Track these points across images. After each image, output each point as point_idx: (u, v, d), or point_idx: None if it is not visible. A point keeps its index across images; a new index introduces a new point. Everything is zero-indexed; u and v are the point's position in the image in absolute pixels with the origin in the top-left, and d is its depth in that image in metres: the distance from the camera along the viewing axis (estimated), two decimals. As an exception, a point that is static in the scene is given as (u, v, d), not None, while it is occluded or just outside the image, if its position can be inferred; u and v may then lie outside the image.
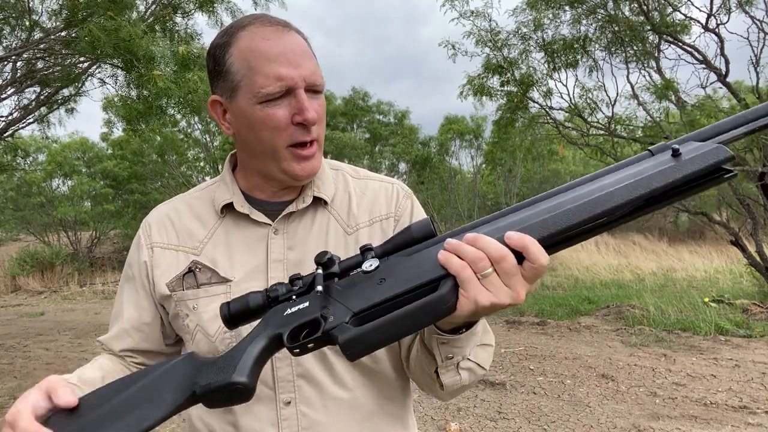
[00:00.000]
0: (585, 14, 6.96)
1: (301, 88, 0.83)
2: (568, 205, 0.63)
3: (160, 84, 4.50)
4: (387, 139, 16.10)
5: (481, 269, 0.62)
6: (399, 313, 0.63)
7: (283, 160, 0.87)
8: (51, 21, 5.70)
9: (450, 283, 0.64)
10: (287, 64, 0.82)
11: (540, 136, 9.17)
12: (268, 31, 0.84)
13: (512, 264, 0.62)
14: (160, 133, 12.36)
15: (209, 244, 0.94)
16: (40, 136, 8.72)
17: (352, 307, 0.67)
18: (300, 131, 0.85)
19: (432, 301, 0.63)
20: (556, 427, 3.69)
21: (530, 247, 0.62)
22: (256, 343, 0.69)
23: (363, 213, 0.97)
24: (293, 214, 0.94)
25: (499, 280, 0.63)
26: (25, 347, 6.67)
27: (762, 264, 6.73)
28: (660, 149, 0.67)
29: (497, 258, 0.62)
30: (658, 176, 0.62)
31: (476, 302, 0.63)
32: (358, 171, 1.05)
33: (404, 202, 1.01)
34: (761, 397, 4.01)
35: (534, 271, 0.63)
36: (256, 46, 0.83)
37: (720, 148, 0.62)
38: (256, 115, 0.85)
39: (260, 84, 0.82)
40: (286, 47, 0.83)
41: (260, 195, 0.96)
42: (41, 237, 15.63)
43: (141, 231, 1.00)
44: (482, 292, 0.63)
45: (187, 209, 0.99)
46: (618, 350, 5.52)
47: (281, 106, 0.84)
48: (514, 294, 0.63)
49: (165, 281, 0.93)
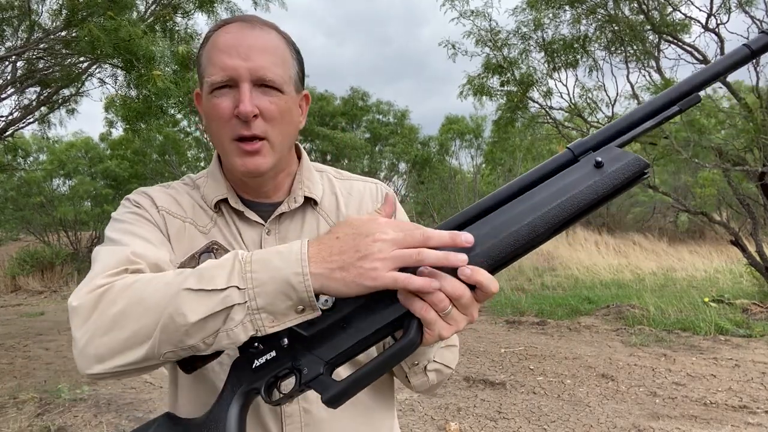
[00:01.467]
0: (585, 14, 6.96)
1: (245, 80, 0.82)
2: (511, 228, 0.67)
3: (159, 84, 4.50)
4: (387, 139, 16.11)
5: (442, 309, 0.66)
6: (375, 364, 0.66)
7: (229, 153, 0.86)
8: (51, 21, 5.71)
9: (415, 324, 0.66)
10: (235, 55, 0.82)
11: (540, 136, 9.17)
12: (235, 26, 0.85)
13: (469, 297, 0.66)
14: (161, 133, 12.37)
15: (215, 230, 0.91)
16: (40, 136, 8.73)
17: (323, 357, 0.69)
18: (240, 124, 0.83)
19: (403, 346, 0.66)
20: (556, 427, 3.69)
21: (483, 281, 0.65)
22: (234, 404, 0.70)
23: (351, 213, 0.98)
24: (284, 215, 0.94)
25: (459, 313, 0.67)
26: (25, 347, 6.67)
27: (762, 264, 6.73)
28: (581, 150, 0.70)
29: (456, 297, 0.66)
30: (589, 192, 0.67)
31: (440, 336, 0.67)
32: (341, 172, 1.05)
33: None
34: (761, 397, 4.01)
35: (484, 297, 0.67)
36: (217, 39, 0.85)
37: (638, 158, 0.67)
38: (207, 105, 0.86)
39: (209, 72, 0.84)
40: (241, 41, 0.83)
41: (244, 195, 0.94)
42: (41, 237, 15.62)
43: (139, 196, 0.91)
44: (445, 326, 0.67)
45: (184, 193, 0.95)
46: (618, 350, 5.52)
47: (226, 98, 0.83)
48: (470, 318, 0.69)
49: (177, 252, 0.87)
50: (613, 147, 0.69)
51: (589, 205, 0.67)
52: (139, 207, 0.89)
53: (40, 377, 5.21)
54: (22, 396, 4.56)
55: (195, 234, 0.90)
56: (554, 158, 0.72)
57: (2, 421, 4.06)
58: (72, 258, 14.02)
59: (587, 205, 0.67)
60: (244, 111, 0.81)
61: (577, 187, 0.67)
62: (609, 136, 0.71)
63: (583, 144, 0.71)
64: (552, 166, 0.71)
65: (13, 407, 4.35)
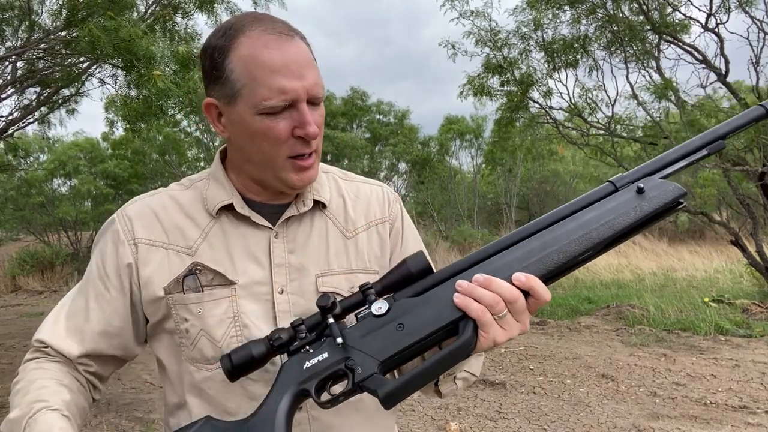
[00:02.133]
0: (585, 14, 6.96)
1: (303, 101, 0.81)
2: (562, 243, 0.73)
3: (160, 84, 4.49)
4: (387, 139, 16.10)
5: (498, 312, 0.70)
6: (432, 363, 0.69)
7: (281, 170, 0.86)
8: (51, 21, 5.70)
9: (471, 326, 0.70)
10: (290, 76, 0.80)
11: (540, 136, 9.17)
12: (271, 39, 0.81)
13: (523, 303, 0.71)
14: (161, 133, 12.37)
15: (204, 245, 0.89)
16: (41, 136, 8.74)
17: (377, 356, 0.70)
18: (300, 144, 0.84)
19: (459, 346, 0.70)
20: (556, 427, 3.69)
21: (536, 287, 0.71)
22: (283, 404, 0.70)
23: (359, 217, 0.97)
24: (292, 218, 0.92)
25: (513, 319, 0.72)
26: (25, 347, 6.66)
27: (762, 264, 6.73)
28: (622, 184, 0.78)
29: (511, 300, 0.70)
30: (633, 213, 0.74)
31: (494, 340, 0.71)
32: (345, 173, 1.04)
33: (395, 206, 1.02)
34: (761, 397, 4.01)
35: (536, 305, 0.73)
36: (259, 55, 0.80)
37: (678, 187, 0.75)
38: (255, 126, 0.82)
39: (263, 96, 0.80)
40: (290, 58, 0.80)
41: (254, 197, 0.92)
42: (41, 237, 15.62)
43: (118, 224, 0.91)
44: (499, 331, 0.71)
45: (174, 205, 0.93)
46: (618, 350, 5.52)
47: (283, 119, 0.81)
48: (522, 327, 0.73)
49: (158, 283, 0.88)
50: (654, 177, 0.77)
51: (633, 225, 0.74)
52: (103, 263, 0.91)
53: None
54: (22, 396, 4.55)
55: (178, 258, 0.89)
56: (596, 189, 0.79)
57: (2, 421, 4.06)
58: (72, 258, 14.01)
59: (631, 226, 0.74)
60: (314, 133, 0.82)
61: (623, 208, 0.74)
62: (646, 172, 0.79)
63: (623, 178, 0.79)
64: (595, 196, 0.78)
65: (13, 407, 4.34)
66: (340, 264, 0.93)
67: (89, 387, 0.92)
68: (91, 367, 0.91)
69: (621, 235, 0.74)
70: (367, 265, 0.95)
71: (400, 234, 1.01)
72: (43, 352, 0.89)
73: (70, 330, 0.89)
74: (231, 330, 0.87)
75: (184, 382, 0.90)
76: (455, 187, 17.24)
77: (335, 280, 0.92)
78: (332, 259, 0.93)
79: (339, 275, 0.92)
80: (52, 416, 0.77)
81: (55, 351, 0.88)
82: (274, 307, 0.88)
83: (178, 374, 0.91)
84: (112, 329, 0.90)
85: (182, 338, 0.89)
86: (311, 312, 0.86)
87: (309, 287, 0.90)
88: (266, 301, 0.89)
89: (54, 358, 0.89)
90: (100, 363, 0.92)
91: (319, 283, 0.91)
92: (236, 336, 0.86)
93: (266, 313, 0.88)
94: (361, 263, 0.95)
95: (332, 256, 0.93)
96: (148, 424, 3.98)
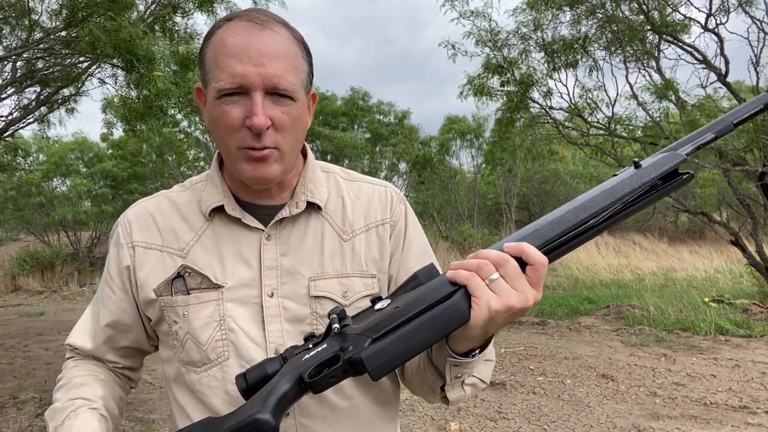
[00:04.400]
0: (585, 15, 6.96)
1: (257, 89, 0.78)
2: (555, 215, 0.73)
3: (160, 85, 4.48)
4: (387, 139, 16.10)
5: (487, 274, 0.67)
6: (416, 323, 0.67)
7: (235, 160, 0.83)
8: (51, 21, 5.70)
9: (461, 291, 0.69)
10: (247, 61, 0.77)
11: (540, 136, 9.17)
12: (243, 26, 0.80)
13: (514, 266, 0.68)
14: (160, 133, 12.35)
15: (197, 247, 0.89)
16: (40, 135, 8.72)
17: (369, 334, 0.69)
18: (250, 135, 0.80)
19: (447, 307, 0.68)
20: (556, 427, 3.69)
21: (526, 249, 0.68)
22: (280, 385, 0.69)
23: (358, 218, 0.94)
24: (286, 220, 0.90)
25: (506, 284, 0.67)
26: (25, 347, 6.67)
27: (762, 264, 6.73)
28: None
29: (500, 262, 0.68)
30: (626, 183, 0.73)
31: (488, 307, 0.67)
32: (349, 173, 1.01)
33: (398, 207, 0.97)
34: (761, 397, 4.01)
35: (535, 273, 0.68)
36: (224, 39, 0.80)
37: (673, 153, 0.75)
38: (215, 111, 0.81)
39: (217, 77, 0.79)
40: (252, 44, 0.78)
41: (247, 197, 0.91)
42: (41, 237, 15.62)
43: (120, 228, 0.94)
44: (492, 296, 0.67)
45: (171, 207, 0.94)
46: (618, 350, 5.52)
47: (237, 106, 0.79)
48: (522, 296, 0.67)
49: (151, 285, 0.89)
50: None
51: (632, 195, 0.73)
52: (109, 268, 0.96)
53: (40, 377, 5.21)
54: (22, 396, 4.56)
55: (171, 260, 0.89)
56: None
57: (2, 421, 4.06)
58: (72, 258, 14.01)
59: (629, 195, 0.72)
60: (258, 124, 0.78)
61: (622, 181, 0.74)
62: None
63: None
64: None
65: (13, 407, 4.35)
66: (334, 267, 0.90)
67: (124, 378, 1.01)
68: (118, 364, 0.98)
69: (621, 206, 0.72)
70: (363, 268, 0.91)
71: (402, 236, 0.96)
72: (75, 353, 0.98)
73: (85, 332, 0.97)
74: (216, 334, 0.86)
75: (179, 381, 0.91)
76: (455, 187, 17.24)
77: (328, 284, 0.89)
78: (327, 262, 0.90)
79: (332, 279, 0.89)
80: (90, 415, 0.84)
81: (82, 350, 0.97)
82: (263, 311, 0.87)
83: (175, 375, 0.92)
84: (123, 325, 0.95)
85: (174, 340, 0.90)
86: (302, 316, 0.87)
87: (301, 291, 0.88)
88: (255, 304, 0.87)
89: (85, 357, 0.98)
90: (122, 356, 0.98)
91: (312, 287, 0.88)
92: (222, 340, 0.86)
93: (254, 317, 0.87)
94: (357, 266, 0.91)
95: (327, 259, 0.90)
96: (148, 424, 3.98)
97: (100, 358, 0.97)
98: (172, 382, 0.93)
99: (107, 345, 0.96)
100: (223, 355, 0.86)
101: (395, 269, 0.94)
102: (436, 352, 0.79)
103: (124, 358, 0.98)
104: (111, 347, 0.96)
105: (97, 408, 0.86)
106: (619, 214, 0.73)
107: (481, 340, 0.74)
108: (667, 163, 0.74)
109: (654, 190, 0.74)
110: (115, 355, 0.97)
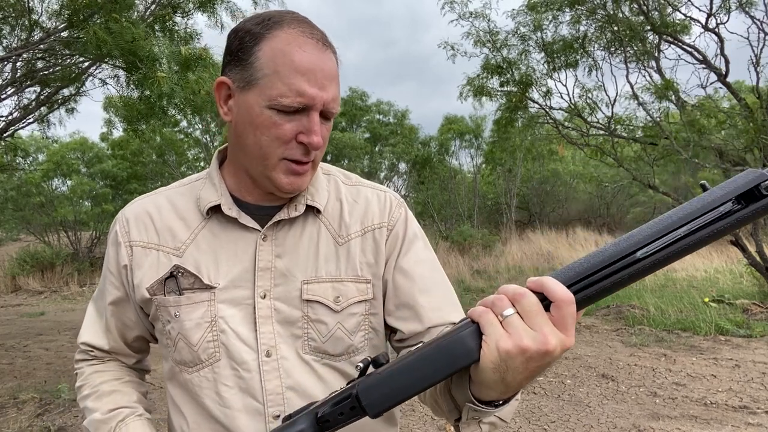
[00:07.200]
0: (585, 15, 6.96)
1: (317, 111, 0.81)
2: (598, 249, 0.61)
3: (164, 87, 4.47)
4: (387, 139, 16.10)
5: (501, 309, 0.59)
6: (417, 356, 0.61)
7: (272, 168, 0.84)
8: (51, 21, 5.70)
9: (473, 328, 0.61)
10: (313, 82, 0.79)
11: (540, 136, 9.18)
12: (308, 43, 0.80)
13: (532, 302, 0.58)
14: (160, 134, 12.36)
15: (192, 246, 0.89)
16: (40, 135, 8.73)
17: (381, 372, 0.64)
18: (300, 150, 0.83)
19: (451, 342, 0.60)
20: (556, 427, 3.69)
21: (546, 283, 0.58)
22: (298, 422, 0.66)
23: (355, 222, 0.93)
24: (283, 221, 0.90)
25: (521, 321, 0.58)
26: (25, 347, 6.67)
27: (762, 264, 6.73)
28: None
29: (516, 297, 0.59)
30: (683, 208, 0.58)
31: (498, 347, 0.58)
32: (350, 176, 1.01)
33: (397, 211, 0.96)
34: (761, 397, 4.01)
35: (559, 312, 0.57)
36: (291, 53, 0.79)
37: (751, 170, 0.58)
38: (262, 118, 0.81)
39: (279, 91, 0.79)
40: (318, 66, 0.80)
41: (248, 197, 0.91)
42: (41, 237, 15.62)
43: (117, 226, 0.94)
44: (503, 335, 0.58)
45: (169, 206, 0.94)
46: (618, 350, 5.52)
47: (291, 121, 0.81)
48: (539, 336, 0.57)
49: (146, 285, 0.89)
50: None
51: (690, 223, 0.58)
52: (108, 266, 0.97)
53: (40, 377, 5.21)
54: (22, 396, 4.55)
55: (166, 259, 0.90)
56: None
57: (2, 421, 4.06)
58: (72, 258, 14.01)
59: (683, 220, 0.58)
60: (317, 144, 0.81)
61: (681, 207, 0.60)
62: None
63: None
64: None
65: (13, 407, 4.35)
66: (328, 271, 0.90)
67: (140, 372, 1.06)
68: (132, 358, 1.02)
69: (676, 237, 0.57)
70: (358, 272, 0.90)
71: (399, 241, 0.94)
72: (90, 354, 1.00)
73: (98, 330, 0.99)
74: (207, 335, 0.86)
75: (174, 380, 0.93)
76: (455, 187, 17.23)
77: (321, 288, 0.88)
78: (321, 266, 0.89)
79: (325, 283, 0.89)
80: (140, 423, 0.90)
81: (99, 350, 0.99)
82: (255, 312, 0.87)
83: (170, 373, 0.93)
84: (130, 323, 0.98)
85: (167, 339, 0.90)
86: (294, 319, 0.88)
87: (294, 293, 0.88)
88: (247, 305, 0.87)
89: (102, 357, 1.00)
90: (136, 350, 1.02)
91: (304, 291, 0.88)
92: (213, 341, 0.86)
93: (246, 318, 0.87)
94: (351, 271, 0.90)
95: (321, 263, 0.90)
96: (148, 425, 3.98)
97: (117, 355, 1.00)
98: (168, 379, 0.94)
99: (121, 340, 0.99)
100: (214, 356, 0.86)
101: (390, 274, 0.93)
102: (456, 385, 0.72)
103: (137, 352, 1.03)
104: (124, 342, 0.99)
105: (141, 414, 0.92)
106: (674, 245, 0.57)
107: (501, 389, 0.62)
108: (740, 180, 0.57)
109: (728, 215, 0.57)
110: (129, 350, 1.01)
